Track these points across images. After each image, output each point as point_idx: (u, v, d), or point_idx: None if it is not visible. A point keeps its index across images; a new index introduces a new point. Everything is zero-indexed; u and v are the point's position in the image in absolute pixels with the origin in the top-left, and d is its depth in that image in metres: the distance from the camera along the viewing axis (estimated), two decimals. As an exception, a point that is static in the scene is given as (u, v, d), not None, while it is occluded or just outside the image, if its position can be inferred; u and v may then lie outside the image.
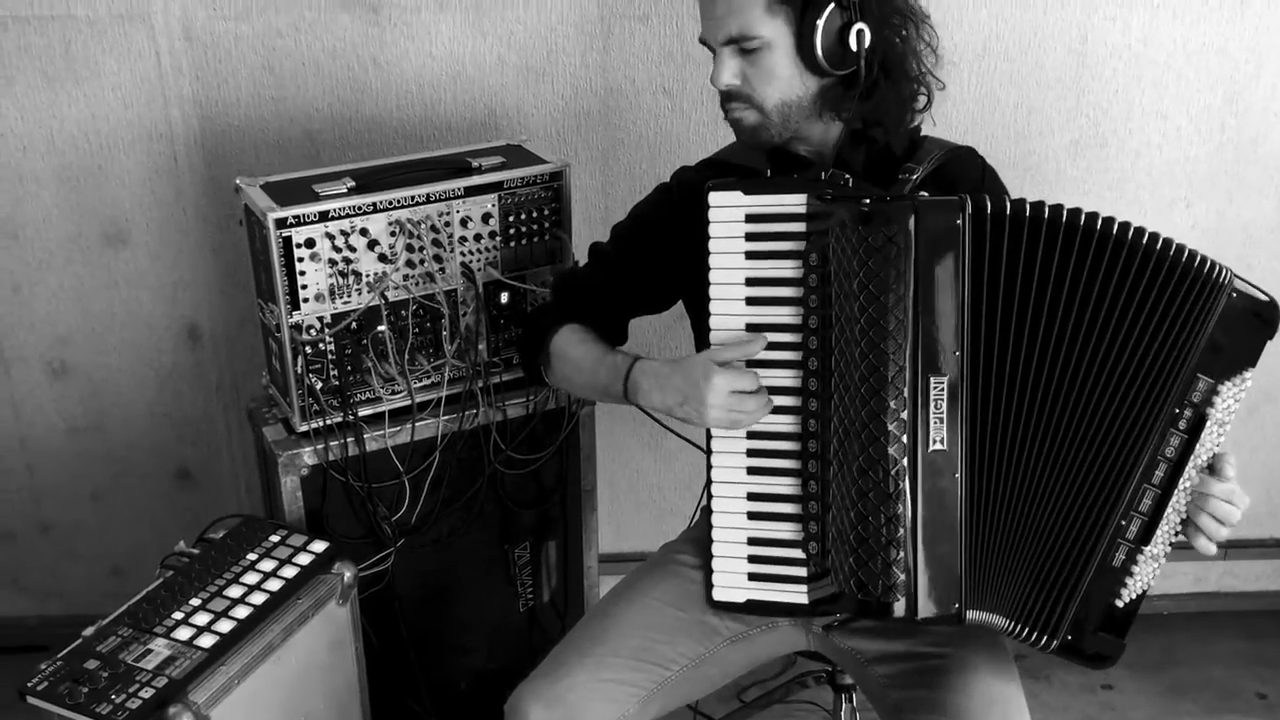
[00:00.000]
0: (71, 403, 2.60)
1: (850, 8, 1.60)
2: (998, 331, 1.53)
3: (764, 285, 1.63)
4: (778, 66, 1.64)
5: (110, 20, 2.26)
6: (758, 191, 1.62)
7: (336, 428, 2.03)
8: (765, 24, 1.61)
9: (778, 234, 1.61)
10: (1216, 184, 2.51)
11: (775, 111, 1.67)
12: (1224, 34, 2.37)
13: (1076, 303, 1.51)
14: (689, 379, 1.62)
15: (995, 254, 1.52)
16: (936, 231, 1.50)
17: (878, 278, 1.51)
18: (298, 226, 1.89)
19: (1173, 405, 1.52)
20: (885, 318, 1.51)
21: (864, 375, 1.53)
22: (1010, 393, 1.54)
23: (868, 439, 1.54)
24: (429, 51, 2.34)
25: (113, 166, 2.38)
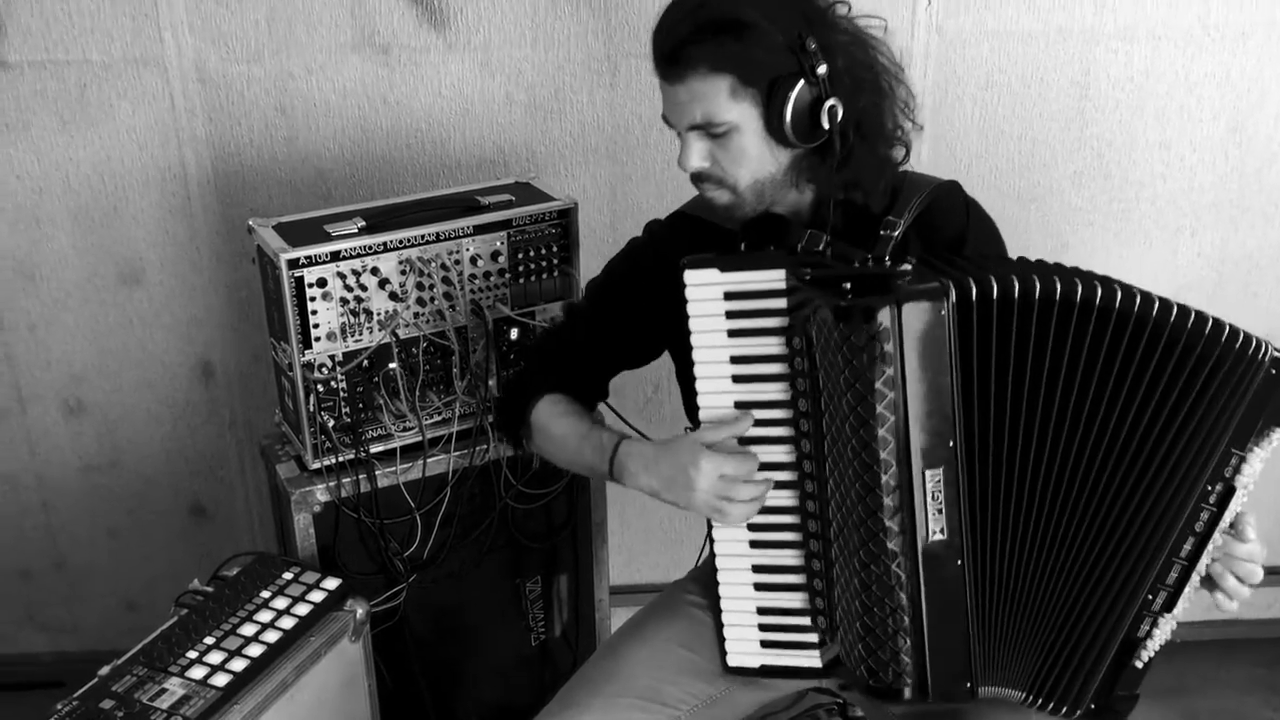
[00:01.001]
0: (87, 440, 2.62)
1: (819, 83, 1.54)
2: (993, 415, 1.48)
3: (750, 363, 1.57)
4: (748, 147, 1.58)
5: (125, 64, 2.30)
6: (734, 268, 1.55)
7: (348, 465, 2.05)
8: (731, 109, 1.55)
9: (759, 311, 1.55)
10: (1221, 213, 2.52)
11: (748, 190, 1.62)
12: (1226, 64, 2.39)
13: (1077, 381, 1.46)
14: (676, 463, 1.57)
15: (985, 337, 1.46)
16: (921, 324, 1.42)
17: (863, 377, 1.43)
18: (309, 266, 1.92)
19: (1203, 484, 1.49)
20: (874, 417, 1.44)
21: (857, 472, 1.48)
22: (1016, 477, 1.50)
23: (866, 534, 1.49)
24: (438, 91, 2.37)
25: (127, 207, 2.41)
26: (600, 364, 1.87)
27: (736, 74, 1.53)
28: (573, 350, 1.86)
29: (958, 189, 1.76)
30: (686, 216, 1.81)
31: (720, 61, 1.53)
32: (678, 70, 1.56)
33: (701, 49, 1.53)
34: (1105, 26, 2.35)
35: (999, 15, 2.34)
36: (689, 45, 1.53)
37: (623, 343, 1.85)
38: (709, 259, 1.57)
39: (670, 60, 1.56)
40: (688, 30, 1.53)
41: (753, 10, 1.52)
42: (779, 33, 1.52)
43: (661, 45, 1.58)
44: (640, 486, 1.63)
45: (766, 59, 1.52)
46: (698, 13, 1.53)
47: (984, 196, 2.46)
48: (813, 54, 1.52)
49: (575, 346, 1.86)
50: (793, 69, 1.53)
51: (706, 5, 1.53)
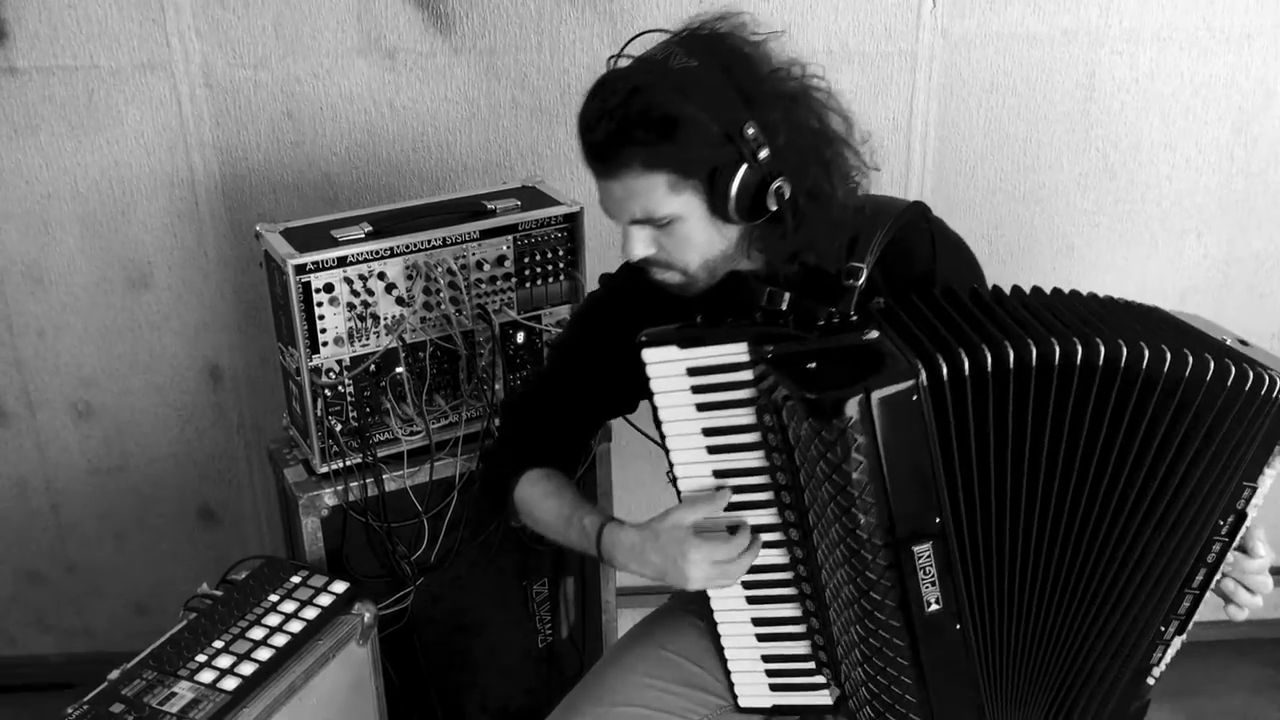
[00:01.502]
0: (96, 443, 2.63)
1: (761, 165, 1.44)
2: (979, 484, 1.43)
3: (724, 434, 1.52)
4: (693, 234, 1.50)
5: (132, 70, 2.31)
6: (693, 343, 1.48)
7: (356, 469, 2.06)
8: (671, 202, 1.46)
9: (725, 384, 1.49)
10: (1227, 214, 2.52)
11: (701, 270, 1.54)
12: (1231, 66, 2.39)
13: (1064, 443, 1.41)
14: (665, 555, 1.53)
15: (962, 412, 1.39)
16: (893, 411, 1.35)
17: (840, 469, 1.37)
18: (316, 272, 1.92)
19: (1215, 520, 1.47)
20: (855, 504, 1.38)
21: (844, 555, 1.44)
22: (1009, 540, 1.46)
23: (861, 611, 1.46)
24: (444, 95, 2.38)
25: (135, 212, 2.43)
26: (575, 427, 1.83)
27: (674, 171, 1.44)
28: (545, 418, 1.80)
29: (920, 219, 1.66)
30: (638, 270, 1.66)
31: (654, 160, 1.43)
32: (611, 168, 1.47)
33: (634, 148, 1.43)
34: (1110, 29, 2.35)
35: (1004, 18, 2.34)
36: (621, 144, 1.43)
37: (594, 402, 1.80)
38: (666, 335, 1.50)
39: (602, 159, 1.47)
40: (616, 129, 1.43)
41: (684, 102, 1.41)
42: (714, 123, 1.42)
43: (589, 142, 1.48)
44: (633, 573, 1.60)
45: (703, 153, 1.43)
46: (626, 109, 1.42)
47: (989, 198, 2.49)
48: (752, 140, 1.43)
49: (547, 413, 1.80)
50: (733, 157, 1.44)
51: (634, 101, 1.42)
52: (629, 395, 1.77)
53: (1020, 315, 1.46)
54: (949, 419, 1.39)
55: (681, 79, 1.43)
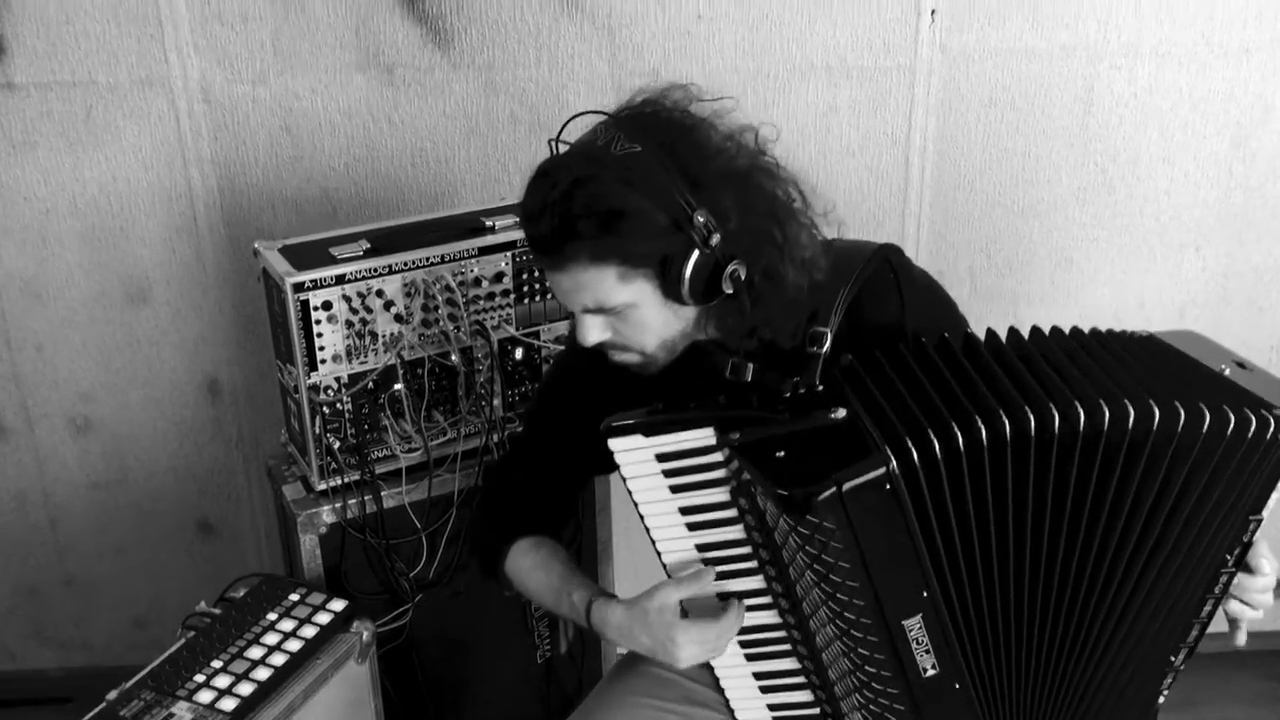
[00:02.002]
0: (94, 458, 2.63)
1: (713, 250, 1.40)
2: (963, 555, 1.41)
3: (701, 512, 1.50)
4: (648, 319, 1.46)
5: (130, 86, 2.31)
6: (659, 431, 1.46)
7: (354, 486, 2.05)
8: (622, 291, 1.42)
9: (696, 467, 1.47)
10: (1226, 228, 2.52)
11: (659, 349, 1.51)
12: (1229, 81, 2.39)
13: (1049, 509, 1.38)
14: (654, 638, 1.51)
15: (938, 492, 1.36)
16: (867, 501, 1.32)
17: (820, 559, 1.35)
18: (315, 290, 1.92)
19: (1221, 556, 1.47)
20: (839, 591, 1.37)
21: (836, 632, 1.43)
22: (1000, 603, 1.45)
23: (858, 682, 1.46)
24: (442, 110, 2.38)
25: (134, 227, 2.43)
26: (557, 491, 1.82)
27: (622, 263, 1.40)
28: (526, 483, 1.80)
29: (884, 267, 1.59)
30: None
31: (601, 253, 1.39)
32: (556, 261, 1.43)
33: (578, 244, 1.39)
34: (1109, 44, 2.35)
35: (1002, 33, 2.34)
36: (563, 239, 1.39)
37: (573, 464, 1.78)
38: (631, 425, 1.47)
39: (545, 253, 1.44)
40: (559, 223, 1.38)
41: (629, 193, 1.36)
42: (660, 213, 1.37)
43: (532, 235, 1.44)
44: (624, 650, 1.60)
45: (652, 245, 1.39)
46: (568, 203, 1.37)
47: (988, 212, 2.49)
48: (702, 226, 1.39)
49: (528, 479, 1.79)
50: (683, 244, 1.39)
51: (576, 194, 1.37)
52: (607, 456, 1.69)
53: (992, 373, 1.42)
54: (925, 499, 1.36)
55: (624, 167, 1.37)
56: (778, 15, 2.31)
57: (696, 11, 2.30)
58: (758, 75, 2.36)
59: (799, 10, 2.31)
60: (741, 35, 2.32)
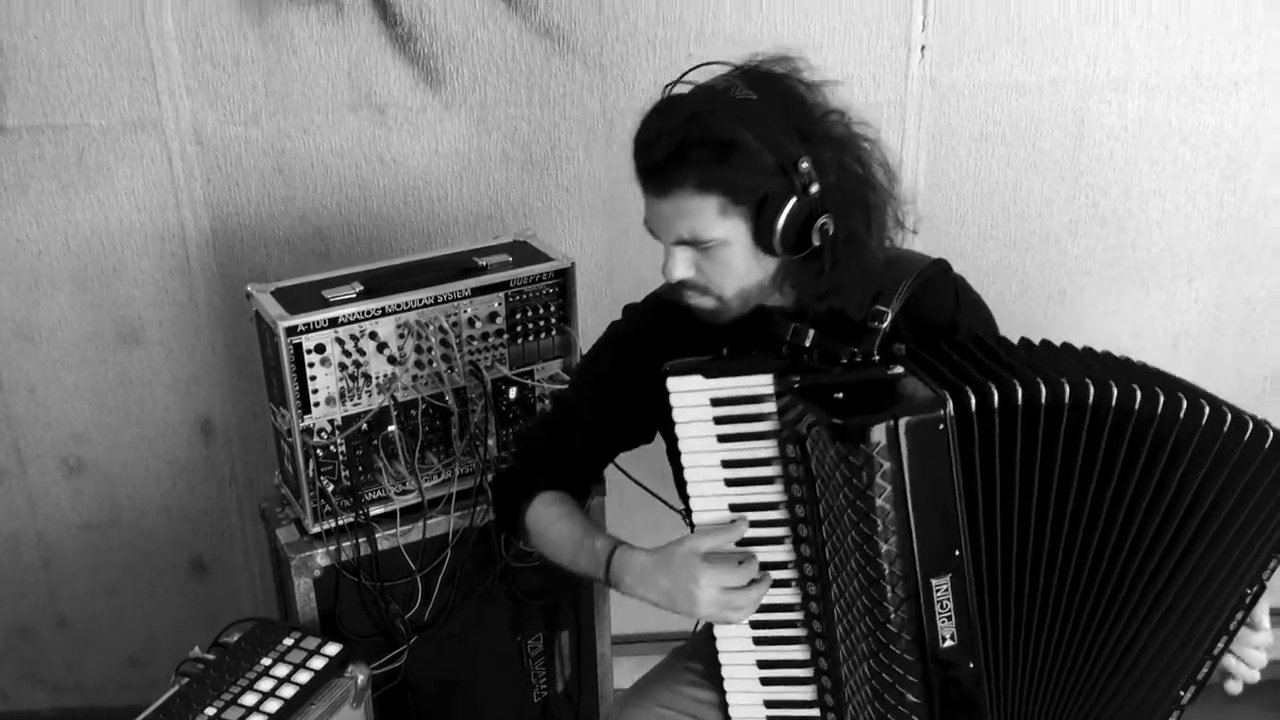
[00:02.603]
0: (87, 498, 2.62)
1: (810, 199, 1.48)
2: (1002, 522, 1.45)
3: (743, 467, 1.54)
4: (735, 260, 1.53)
5: (123, 128, 2.31)
6: (718, 374, 1.51)
7: (348, 528, 2.05)
8: (719, 225, 1.49)
9: (748, 416, 1.51)
10: (1218, 260, 2.53)
11: (735, 298, 1.57)
12: (1219, 114, 2.41)
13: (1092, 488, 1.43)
14: (675, 579, 1.53)
15: (989, 446, 1.42)
16: (920, 440, 1.38)
17: (864, 495, 1.40)
18: (308, 333, 1.92)
19: (1243, 586, 1.48)
20: (877, 533, 1.41)
21: (863, 585, 1.46)
22: (1029, 581, 1.48)
23: (875, 644, 1.48)
24: (434, 149, 2.38)
25: (126, 268, 2.42)
26: (590, 455, 1.83)
27: (725, 194, 1.47)
28: (561, 444, 1.82)
29: (945, 271, 1.71)
30: (665, 301, 1.72)
31: (708, 181, 1.46)
32: (663, 186, 1.49)
33: (689, 169, 1.46)
34: (1099, 78, 2.37)
35: (992, 68, 2.36)
36: (677, 163, 1.46)
37: (611, 432, 1.80)
38: (692, 365, 1.52)
39: (656, 175, 1.50)
40: (674, 148, 1.46)
41: (742, 129, 1.44)
42: (770, 152, 1.45)
43: (645, 159, 1.50)
44: (639, 598, 1.59)
45: (756, 180, 1.46)
46: (685, 130, 1.45)
47: (980, 245, 2.50)
48: (805, 173, 1.46)
49: (564, 440, 1.82)
50: (784, 188, 1.46)
51: (693, 122, 1.45)
52: (646, 427, 1.78)
53: (1040, 361, 1.49)
54: (974, 453, 1.41)
55: (740, 108, 1.46)
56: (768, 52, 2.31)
57: (687, 50, 2.31)
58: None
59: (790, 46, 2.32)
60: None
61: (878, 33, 2.31)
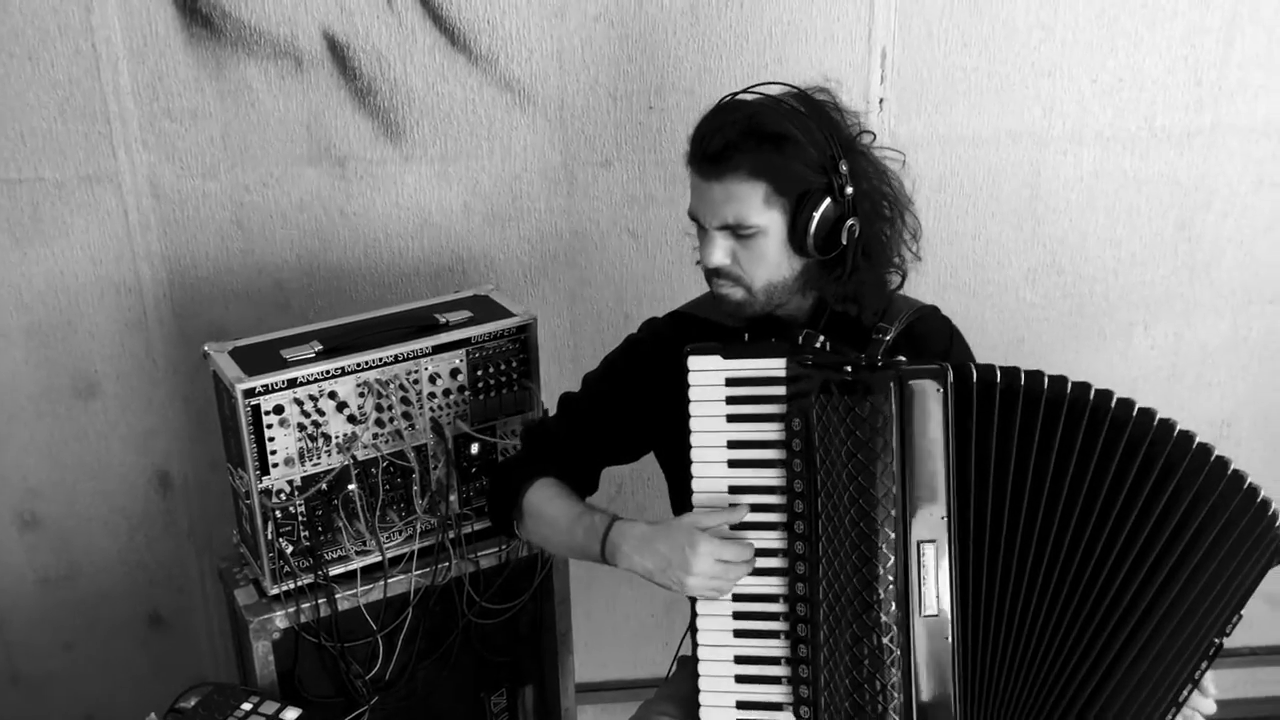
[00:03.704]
0: (43, 553, 2.58)
1: (844, 202, 1.64)
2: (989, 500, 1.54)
3: (747, 448, 1.63)
4: (769, 251, 1.66)
5: (78, 182, 2.29)
6: (737, 355, 1.63)
7: (308, 588, 2.02)
8: (762, 214, 1.63)
9: (759, 397, 1.62)
10: (1173, 306, 2.56)
11: (762, 291, 1.69)
12: (1173, 165, 2.44)
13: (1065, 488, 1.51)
14: (673, 544, 1.60)
15: (985, 421, 1.53)
16: (921, 400, 1.53)
17: (866, 446, 1.53)
18: (266, 395, 1.90)
19: (1211, 635, 1.52)
20: (874, 486, 1.53)
21: (854, 543, 1.54)
22: (1001, 564, 1.54)
23: (861, 606, 1.55)
24: (395, 201, 2.37)
25: (82, 321, 2.40)
26: (591, 456, 1.88)
27: (772, 183, 1.62)
28: (565, 441, 1.88)
29: (939, 312, 1.87)
30: (685, 316, 1.87)
31: (760, 168, 1.61)
32: (718, 170, 1.63)
33: (745, 155, 1.61)
34: (1053, 129, 2.39)
35: (949, 120, 2.38)
36: (734, 149, 1.61)
37: (614, 436, 1.87)
38: (713, 346, 1.64)
39: (713, 160, 1.63)
40: (736, 135, 1.61)
41: (795, 128, 1.61)
42: (815, 151, 1.62)
43: (706, 145, 1.64)
44: (634, 568, 1.64)
45: (801, 173, 1.62)
46: (745, 123, 1.62)
47: (940, 294, 2.50)
48: (843, 175, 1.63)
49: (568, 437, 1.88)
50: (823, 185, 1.63)
51: (756, 116, 1.62)
52: (642, 437, 1.88)
53: None
54: (970, 425, 1.52)
55: (792, 114, 1.65)
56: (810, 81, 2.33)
57: (648, 103, 2.32)
58: (709, 163, 2.38)
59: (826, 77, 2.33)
60: (693, 125, 2.33)
61: (837, 86, 2.30)
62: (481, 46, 2.27)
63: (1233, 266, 2.54)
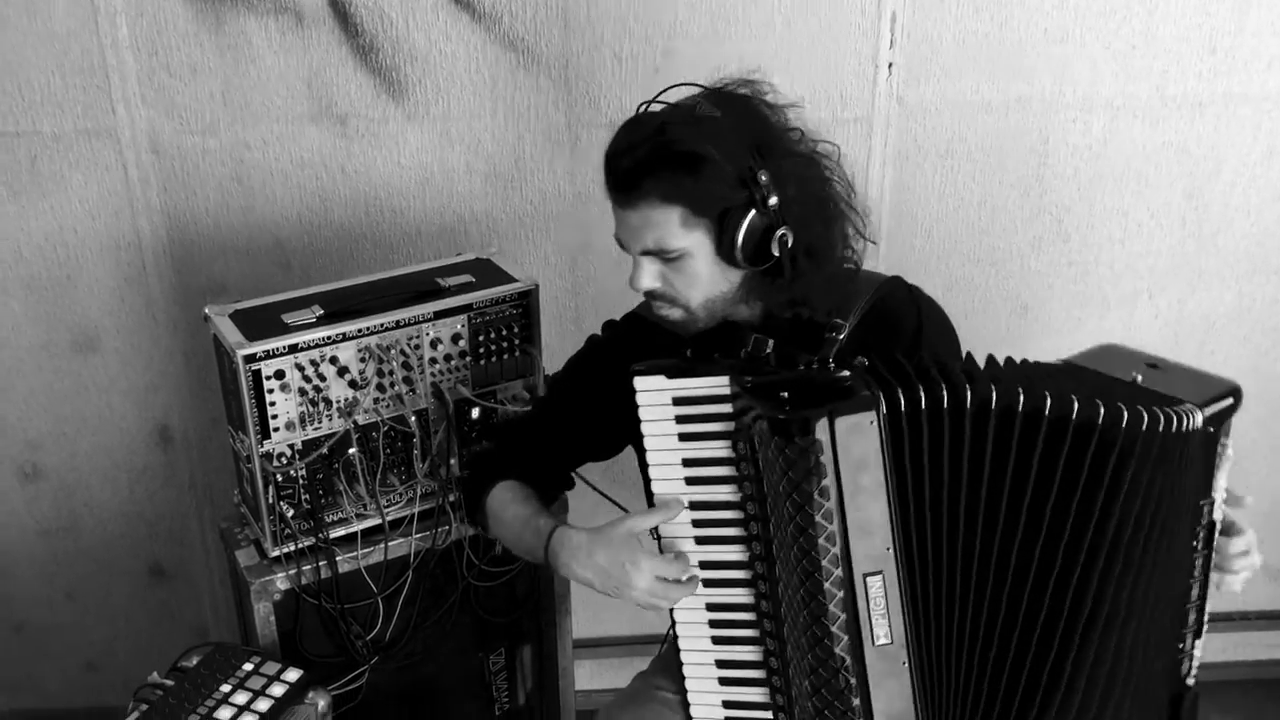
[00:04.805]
0: (44, 505, 2.59)
1: (770, 212, 1.56)
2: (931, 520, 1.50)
3: (702, 465, 1.60)
4: (699, 271, 1.61)
5: (76, 135, 2.26)
6: (680, 375, 1.58)
7: (309, 550, 2.03)
8: (683, 237, 1.57)
9: (707, 415, 1.58)
10: (1178, 276, 2.55)
11: (701, 308, 1.65)
12: (1183, 133, 2.41)
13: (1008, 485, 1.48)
14: (613, 559, 1.58)
15: (917, 445, 1.48)
16: (853, 435, 1.46)
17: (800, 488, 1.47)
18: (267, 360, 1.90)
19: (1190, 546, 1.53)
20: (813, 526, 1.48)
21: (801, 578, 1.51)
22: (960, 581, 1.52)
23: (813, 639, 1.53)
24: (397, 160, 2.35)
25: (81, 276, 2.38)
26: (558, 457, 1.88)
27: (688, 206, 1.55)
28: (532, 442, 1.88)
29: (901, 284, 1.79)
30: (641, 317, 1.82)
31: (672, 194, 1.55)
32: (630, 197, 1.58)
33: (655, 180, 1.54)
34: (1064, 97, 2.36)
35: (959, 85, 2.35)
36: (643, 175, 1.55)
37: (580, 438, 1.86)
38: (657, 366, 1.60)
39: (624, 187, 1.58)
40: (642, 160, 1.55)
41: (707, 144, 1.53)
42: (731, 166, 1.54)
43: (615, 171, 1.59)
44: (574, 577, 1.63)
45: (718, 192, 1.54)
46: (651, 144, 1.54)
47: (944, 261, 2.50)
48: (764, 186, 1.54)
49: (534, 439, 1.88)
50: (744, 200, 1.55)
51: (661, 136, 1.54)
52: (613, 437, 1.83)
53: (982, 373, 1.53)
54: (904, 451, 1.48)
55: (704, 124, 1.55)
56: (735, 69, 2.29)
57: (653, 64, 2.29)
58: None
59: (756, 63, 2.28)
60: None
61: (846, 50, 2.29)
62: (485, 5, 2.23)
63: (1240, 236, 2.52)
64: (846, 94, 2.34)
